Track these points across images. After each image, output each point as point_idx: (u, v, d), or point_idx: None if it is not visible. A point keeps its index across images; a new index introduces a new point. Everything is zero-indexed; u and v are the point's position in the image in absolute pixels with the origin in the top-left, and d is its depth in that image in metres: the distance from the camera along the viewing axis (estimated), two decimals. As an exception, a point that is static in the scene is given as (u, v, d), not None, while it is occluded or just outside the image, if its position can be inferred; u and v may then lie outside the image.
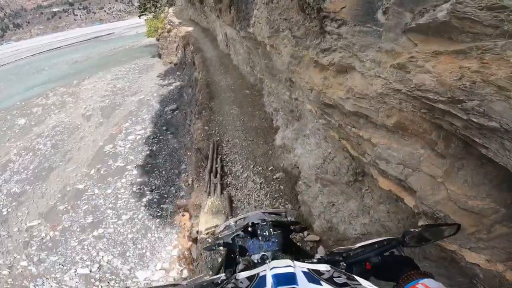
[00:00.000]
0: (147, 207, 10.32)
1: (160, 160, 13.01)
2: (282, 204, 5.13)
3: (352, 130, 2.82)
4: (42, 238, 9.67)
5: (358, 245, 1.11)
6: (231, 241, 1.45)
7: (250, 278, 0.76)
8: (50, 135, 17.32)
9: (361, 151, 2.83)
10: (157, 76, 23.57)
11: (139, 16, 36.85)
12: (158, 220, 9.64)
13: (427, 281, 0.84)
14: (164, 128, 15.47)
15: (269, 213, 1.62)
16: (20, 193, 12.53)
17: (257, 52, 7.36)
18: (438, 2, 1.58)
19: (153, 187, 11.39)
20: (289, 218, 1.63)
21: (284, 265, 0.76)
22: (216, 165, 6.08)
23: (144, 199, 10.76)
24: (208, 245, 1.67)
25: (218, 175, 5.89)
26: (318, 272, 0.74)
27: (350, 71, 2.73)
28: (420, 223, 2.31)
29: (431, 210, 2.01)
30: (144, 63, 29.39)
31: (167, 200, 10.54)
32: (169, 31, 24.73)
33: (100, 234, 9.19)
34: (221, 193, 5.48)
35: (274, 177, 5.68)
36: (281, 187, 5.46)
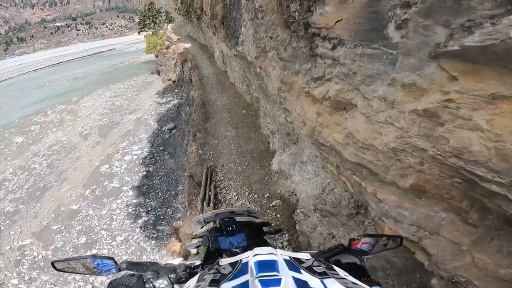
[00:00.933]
0: (143, 229, 10.19)
1: (157, 181, 12.86)
2: (279, 236, 4.81)
3: (353, 177, 2.39)
4: (34, 257, 9.64)
5: (309, 252, 1.12)
6: (207, 238, 1.52)
7: (232, 265, 0.77)
8: (46, 154, 17.23)
9: (363, 199, 2.49)
10: (155, 94, 23.56)
11: (139, 33, 37.41)
12: (154, 242, 9.51)
13: None
14: (161, 148, 15.27)
15: (238, 212, 1.68)
16: (13, 212, 12.48)
17: (249, 71, 7.20)
18: (498, 10, 0.95)
19: (149, 209, 11.25)
20: (260, 220, 1.72)
21: (266, 252, 0.77)
22: (210, 193, 5.78)
23: (140, 221, 10.65)
24: (189, 244, 1.82)
25: (211, 203, 5.59)
26: (299, 260, 0.76)
27: (351, 110, 2.13)
28: (433, 281, 2.00)
29: (449, 274, 1.68)
30: (143, 80, 29.49)
31: (163, 222, 10.42)
32: (167, 48, 24.86)
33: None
34: (214, 223, 5.14)
35: (271, 205, 5.37)
36: (278, 215, 5.15)
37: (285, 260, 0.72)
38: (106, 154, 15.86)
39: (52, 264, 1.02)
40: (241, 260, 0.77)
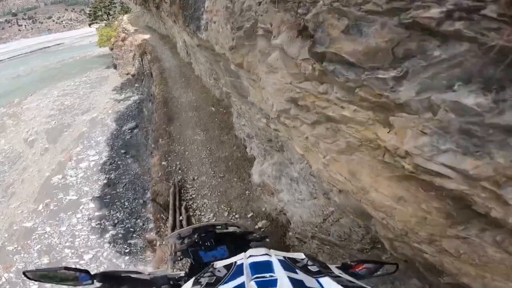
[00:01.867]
0: (112, 244, 9.30)
1: (121, 190, 11.61)
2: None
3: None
4: None
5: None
6: (188, 252, 1.51)
7: (227, 267, 0.76)
8: (-12, 166, 14.92)
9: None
10: (112, 90, 21.35)
11: (89, 25, 34.61)
12: (127, 257, 8.68)
13: None
14: (123, 151, 13.74)
15: (217, 225, 1.64)
16: None
17: (217, 65, 5.98)
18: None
19: (116, 221, 10.22)
20: (242, 229, 1.74)
21: (260, 254, 0.76)
22: (181, 217, 4.70)
23: (107, 235, 9.69)
24: (171, 257, 1.97)
25: (183, 240, 4.48)
26: (293, 260, 0.76)
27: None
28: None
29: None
30: (97, 76, 26.75)
31: (134, 235, 9.50)
32: (123, 40, 22.78)
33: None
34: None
35: (257, 226, 4.44)
36: (267, 239, 4.21)
37: (279, 260, 0.72)
38: (57, 162, 14.07)
39: (24, 274, 0.97)
40: (235, 262, 0.76)
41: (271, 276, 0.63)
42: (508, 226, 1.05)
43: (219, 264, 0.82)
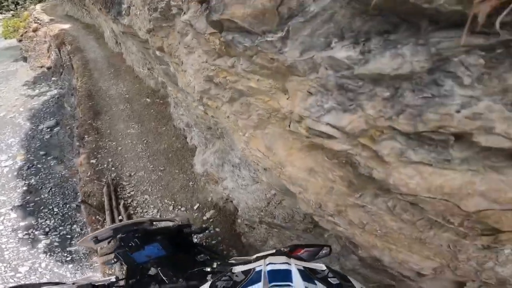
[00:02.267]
0: (49, 254, 8.25)
1: (46, 195, 10.17)
2: (225, 251, 3.85)
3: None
4: None
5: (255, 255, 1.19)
6: (117, 256, 1.46)
7: (245, 272, 0.76)
8: None
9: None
10: (23, 85, 18.23)
11: None
12: (71, 265, 7.80)
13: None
14: (42, 152, 11.96)
15: (140, 223, 1.57)
16: None
17: (148, 53, 5.56)
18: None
19: (47, 229, 9.06)
20: (176, 223, 1.75)
21: (280, 262, 0.76)
22: (120, 217, 4.29)
23: (40, 245, 8.55)
24: (103, 261, 1.92)
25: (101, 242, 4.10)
26: (313, 271, 0.74)
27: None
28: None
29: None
30: (2, 70, 22.54)
31: (73, 242, 8.48)
32: (35, 30, 20.10)
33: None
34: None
35: (205, 217, 4.31)
36: (217, 229, 4.14)
37: (299, 270, 0.71)
38: (-38, 171, 11.68)
39: None
40: (254, 269, 0.75)
41: (289, 285, 0.63)
42: (392, 189, 1.05)
43: (237, 269, 0.81)
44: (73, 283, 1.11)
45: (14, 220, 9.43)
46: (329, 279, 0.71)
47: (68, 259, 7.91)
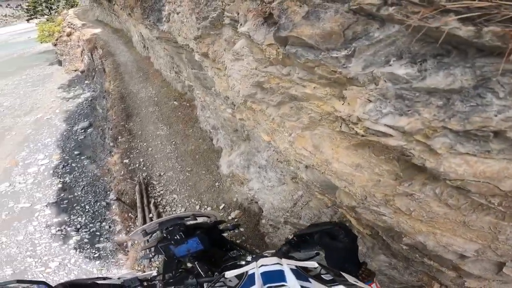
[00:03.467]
0: (78, 250, 8.59)
1: (80, 193, 10.66)
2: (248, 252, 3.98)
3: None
4: None
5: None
6: (158, 249, 1.48)
7: (239, 277, 0.75)
8: None
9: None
10: (58, 88, 19.41)
11: (27, 21, 31.33)
12: (98, 262, 8.02)
13: (376, 281, 0.94)
14: (77, 152, 12.66)
15: (184, 217, 1.60)
16: None
17: (179, 57, 5.80)
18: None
19: (79, 226, 9.43)
20: (212, 219, 1.72)
21: (272, 263, 0.76)
22: (150, 215, 4.55)
23: (71, 241, 8.94)
24: (141, 256, 2.02)
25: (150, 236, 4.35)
26: (306, 269, 0.75)
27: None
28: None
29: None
30: (39, 73, 24.14)
31: (101, 239, 8.77)
32: (69, 35, 21.18)
33: (30, 286, 7.56)
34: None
35: (230, 217, 4.48)
36: (242, 229, 4.29)
37: (292, 269, 0.71)
38: (2, 169, 12.60)
39: None
40: (247, 272, 0.75)
41: (283, 285, 0.63)
42: (441, 176, 1.27)
43: (230, 274, 0.80)
44: (118, 278, 1.15)
45: (48, 216, 9.97)
46: (322, 276, 0.72)
47: (96, 255, 8.22)
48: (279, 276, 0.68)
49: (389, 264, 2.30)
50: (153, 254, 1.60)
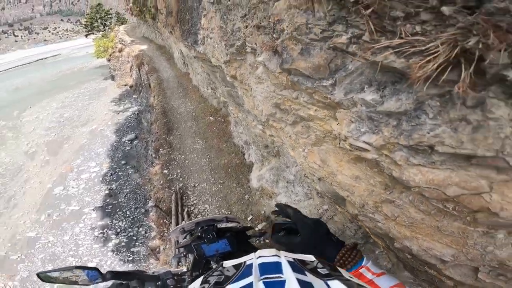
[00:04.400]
0: (115, 252, 9.50)
1: (123, 199, 11.80)
2: None
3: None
4: None
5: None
6: (191, 247, 1.55)
7: (236, 266, 0.76)
8: (-12, 179, 15.02)
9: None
10: (110, 101, 21.51)
11: (86, 36, 34.54)
12: (131, 265, 8.85)
13: (369, 264, 0.96)
14: (123, 162, 13.90)
15: (217, 219, 1.70)
16: None
17: (215, 76, 6.25)
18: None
19: (119, 230, 10.42)
20: (242, 224, 1.84)
21: (270, 254, 0.77)
22: (183, 222, 4.92)
23: (110, 244, 9.91)
24: (174, 255, 2.20)
25: (186, 235, 4.72)
26: (303, 262, 0.76)
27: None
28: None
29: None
30: (95, 87, 26.94)
31: (137, 243, 9.71)
32: (120, 51, 22.96)
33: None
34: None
35: (257, 228, 4.67)
36: (267, 240, 4.46)
37: (289, 262, 0.71)
38: (59, 173, 14.21)
39: (38, 275, 0.99)
40: (245, 262, 0.76)
41: (280, 277, 0.64)
42: (405, 184, 1.46)
43: (228, 263, 0.81)
44: (153, 272, 1.24)
45: (94, 219, 11.09)
46: (318, 269, 0.72)
47: (130, 259, 9.02)
48: (276, 267, 0.69)
49: (413, 280, 2.34)
50: (184, 253, 1.68)
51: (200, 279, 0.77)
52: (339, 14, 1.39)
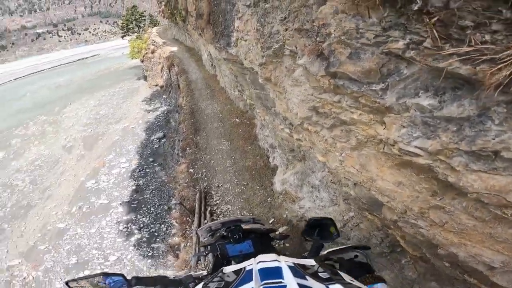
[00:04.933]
0: (136, 247, 9.67)
1: (148, 196, 12.11)
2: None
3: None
4: (24, 278, 9.33)
5: (328, 250, 1.18)
6: (215, 246, 1.57)
7: (236, 272, 0.76)
8: (29, 170, 16.24)
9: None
10: (142, 101, 22.46)
11: (122, 37, 36.25)
12: (149, 260, 8.98)
13: (380, 285, 0.95)
14: (151, 159, 14.38)
15: (244, 220, 1.72)
16: None
17: (243, 77, 6.30)
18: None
19: (142, 225, 10.63)
20: (266, 226, 1.82)
21: (270, 260, 0.76)
22: (205, 221, 5.00)
23: (132, 239, 10.11)
24: (195, 253, 2.35)
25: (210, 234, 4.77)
26: (303, 267, 0.74)
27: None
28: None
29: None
30: (128, 87, 28.27)
31: (157, 239, 9.83)
32: (153, 52, 23.82)
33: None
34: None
35: (277, 232, 4.63)
36: (287, 244, 4.41)
37: (289, 266, 0.71)
38: (92, 168, 14.95)
39: (66, 283, 1.00)
40: (245, 268, 0.76)
41: (280, 282, 0.63)
42: (462, 190, 1.44)
43: (228, 269, 0.81)
44: (174, 277, 1.24)
45: (120, 213, 11.38)
46: (319, 273, 0.71)
47: (149, 254, 9.12)
48: (276, 272, 0.68)
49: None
50: (207, 252, 1.67)
51: (200, 286, 0.77)
52: (396, 20, 1.41)
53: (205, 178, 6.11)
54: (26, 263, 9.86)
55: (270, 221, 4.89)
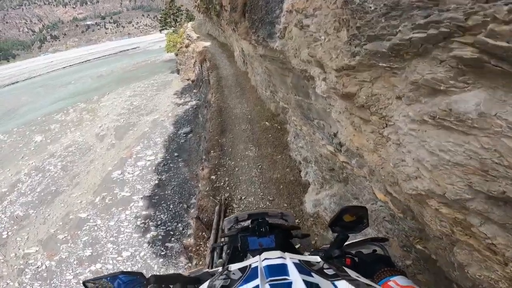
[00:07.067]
0: (151, 245, 9.48)
1: (169, 192, 11.85)
2: None
3: None
4: (38, 267, 9.36)
5: (346, 243, 1.15)
6: (237, 237, 1.52)
7: (242, 270, 0.76)
8: (62, 155, 16.81)
9: None
10: (173, 94, 22.60)
11: (160, 31, 37.29)
12: (161, 260, 8.74)
13: (398, 278, 0.89)
14: (176, 154, 14.18)
15: (271, 214, 1.85)
16: (23, 217, 12.19)
17: (282, 80, 5.51)
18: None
19: (159, 222, 10.39)
20: (290, 223, 1.94)
21: (275, 257, 0.76)
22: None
23: (148, 235, 9.93)
24: (215, 243, 2.15)
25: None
26: (309, 263, 0.74)
27: None
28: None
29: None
30: (162, 79, 28.79)
31: (172, 238, 9.57)
32: (187, 46, 23.97)
33: (98, 269, 8.59)
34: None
35: (299, 230, 3.88)
36: (308, 238, 3.64)
37: (294, 263, 0.71)
38: (120, 158, 15.13)
39: (84, 284, 1.00)
40: (250, 265, 0.75)
41: (286, 279, 0.62)
42: None
43: (234, 266, 0.81)
44: (188, 274, 1.18)
45: (140, 208, 11.20)
46: (324, 270, 0.70)
47: (162, 253, 8.82)
48: (282, 269, 0.67)
49: None
50: (223, 243, 1.69)
51: (206, 284, 0.78)
52: None
53: (227, 188, 5.47)
54: (42, 252, 9.96)
55: (296, 246, 4.15)
